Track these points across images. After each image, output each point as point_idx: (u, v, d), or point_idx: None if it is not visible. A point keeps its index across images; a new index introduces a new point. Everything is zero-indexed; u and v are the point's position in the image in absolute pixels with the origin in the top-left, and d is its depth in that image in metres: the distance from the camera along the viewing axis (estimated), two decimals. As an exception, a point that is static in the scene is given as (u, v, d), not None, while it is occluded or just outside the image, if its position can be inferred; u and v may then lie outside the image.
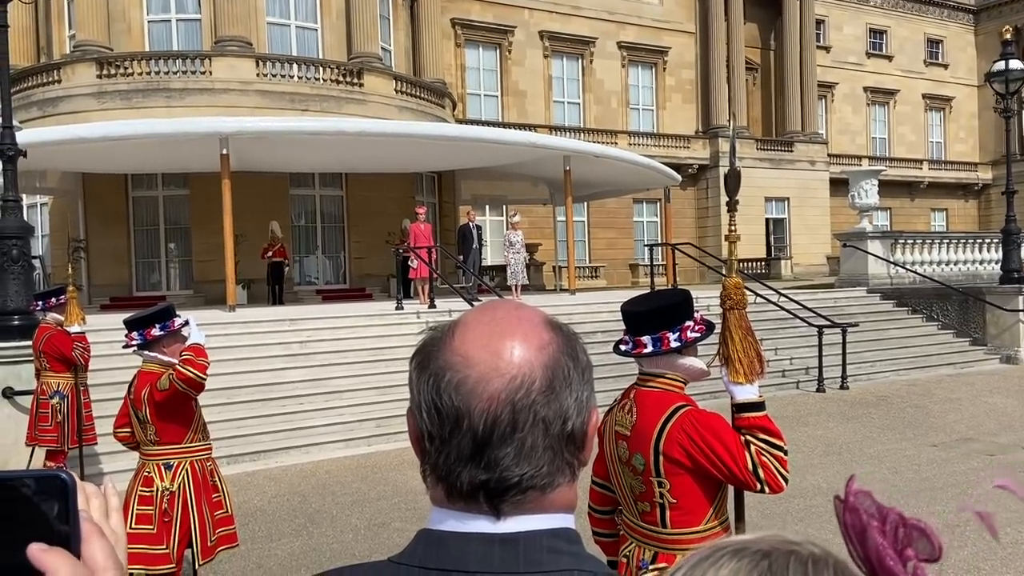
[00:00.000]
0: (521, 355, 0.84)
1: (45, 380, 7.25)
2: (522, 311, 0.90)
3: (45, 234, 21.14)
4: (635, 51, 33.72)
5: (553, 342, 0.87)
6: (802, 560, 0.52)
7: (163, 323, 4.33)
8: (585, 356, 0.90)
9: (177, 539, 4.25)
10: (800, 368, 13.15)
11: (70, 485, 0.62)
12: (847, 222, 26.89)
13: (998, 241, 17.50)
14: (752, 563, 0.52)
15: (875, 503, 0.52)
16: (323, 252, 21.29)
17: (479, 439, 0.82)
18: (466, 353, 0.84)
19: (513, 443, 0.82)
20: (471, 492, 0.83)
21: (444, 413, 0.83)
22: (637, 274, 32.02)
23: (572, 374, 0.86)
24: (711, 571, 0.53)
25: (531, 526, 0.83)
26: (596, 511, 2.92)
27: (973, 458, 8.25)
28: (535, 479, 0.83)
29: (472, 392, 0.82)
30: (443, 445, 0.84)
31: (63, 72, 19.44)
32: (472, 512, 0.83)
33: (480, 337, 0.85)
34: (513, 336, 0.85)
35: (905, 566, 0.49)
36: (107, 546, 0.64)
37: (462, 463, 0.83)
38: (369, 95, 20.52)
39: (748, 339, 2.60)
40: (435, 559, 0.82)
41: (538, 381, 0.83)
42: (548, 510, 0.85)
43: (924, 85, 42.93)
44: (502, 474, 0.82)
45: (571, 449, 0.86)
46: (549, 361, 0.85)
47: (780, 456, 2.47)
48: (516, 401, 0.82)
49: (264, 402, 9.96)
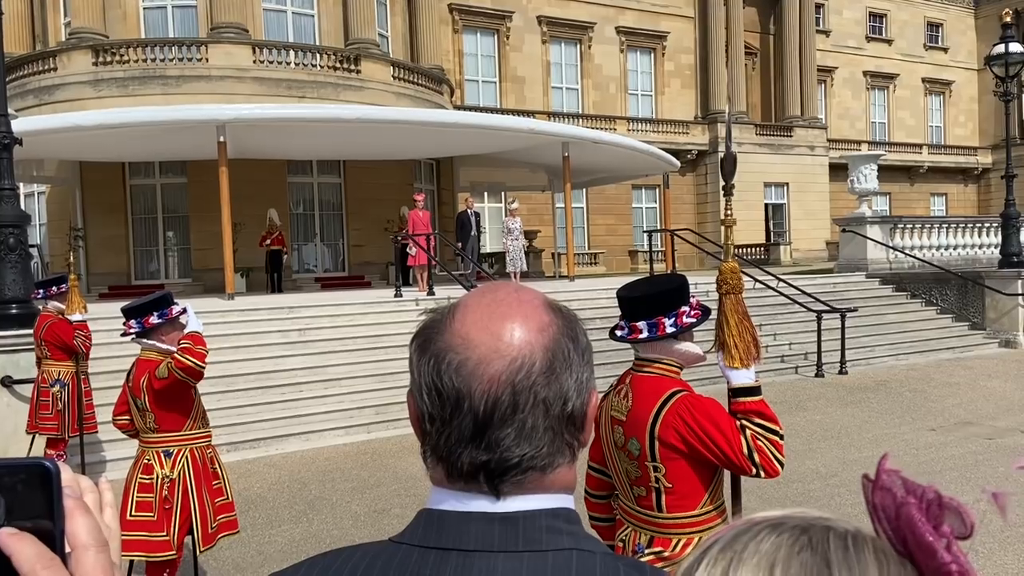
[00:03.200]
0: (521, 336, 0.84)
1: (46, 368, 7.26)
2: (522, 293, 0.90)
3: (43, 223, 21.10)
4: (634, 36, 33.57)
5: (553, 323, 0.87)
6: (840, 535, 0.52)
7: (161, 311, 4.33)
8: (585, 337, 0.90)
9: (177, 526, 4.26)
10: (799, 353, 13.17)
11: (54, 473, 0.61)
12: (846, 207, 26.86)
13: (997, 225, 17.49)
14: (793, 538, 0.52)
15: (906, 481, 0.52)
16: (321, 240, 21.27)
17: (480, 420, 0.83)
18: (467, 335, 0.84)
19: (514, 424, 0.83)
20: (471, 472, 0.84)
21: (445, 395, 0.84)
22: (636, 260, 32.02)
23: (572, 355, 0.87)
24: (751, 545, 0.53)
25: (531, 506, 0.84)
26: (592, 496, 2.93)
27: (971, 442, 8.28)
28: (535, 460, 0.84)
29: (473, 374, 0.83)
30: (444, 426, 0.84)
31: (59, 60, 19.35)
32: (472, 492, 0.84)
33: (480, 319, 0.85)
34: (513, 318, 0.85)
35: (940, 540, 0.49)
36: (91, 522, 0.62)
37: (463, 444, 0.83)
38: (366, 81, 20.43)
39: (744, 324, 2.60)
40: (435, 538, 0.82)
41: (538, 362, 0.84)
42: (548, 490, 0.85)
43: (924, 69, 42.78)
44: (503, 455, 0.83)
45: (571, 430, 0.87)
46: (549, 342, 0.85)
47: (776, 441, 2.48)
48: (517, 382, 0.83)
49: (263, 389, 9.98)
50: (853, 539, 0.52)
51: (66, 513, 0.61)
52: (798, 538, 0.52)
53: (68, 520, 0.61)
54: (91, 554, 0.61)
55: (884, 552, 0.51)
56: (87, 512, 0.63)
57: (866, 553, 0.51)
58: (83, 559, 0.61)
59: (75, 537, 0.61)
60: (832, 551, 0.51)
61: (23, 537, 0.59)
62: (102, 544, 0.63)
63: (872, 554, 0.51)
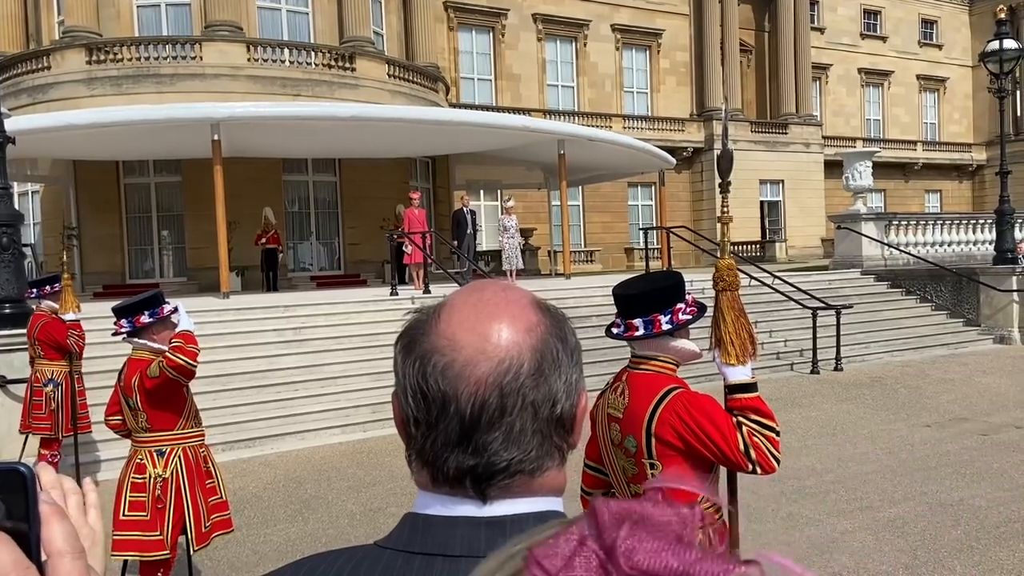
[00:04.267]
0: (509, 337, 0.82)
1: (39, 368, 7.23)
2: (509, 292, 0.88)
3: (37, 222, 21.04)
4: (629, 34, 33.56)
5: (541, 324, 0.85)
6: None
7: (152, 310, 4.30)
8: (574, 338, 0.88)
9: (171, 525, 4.24)
10: (795, 350, 13.17)
11: (28, 478, 0.60)
12: (841, 204, 26.90)
13: (992, 222, 17.51)
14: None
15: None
16: (317, 238, 21.23)
17: (466, 424, 0.80)
18: (452, 336, 0.82)
19: (501, 427, 0.80)
20: (457, 477, 0.81)
21: (430, 398, 0.81)
22: (632, 258, 32.03)
23: (561, 356, 0.84)
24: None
25: (518, 510, 0.81)
26: (589, 494, 2.91)
27: (966, 438, 8.29)
28: (524, 463, 0.81)
29: (459, 376, 0.80)
30: (429, 430, 0.82)
31: (52, 58, 19.27)
32: (458, 496, 0.82)
33: (467, 319, 0.83)
34: (500, 318, 0.83)
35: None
36: (67, 528, 0.61)
37: (449, 448, 0.81)
38: (361, 79, 20.39)
39: (740, 320, 2.59)
40: (420, 543, 0.80)
41: (526, 364, 0.81)
42: (536, 494, 0.83)
43: (918, 66, 42.83)
44: (490, 459, 0.80)
45: (560, 433, 0.84)
46: (537, 343, 0.83)
47: (772, 437, 2.47)
48: (504, 385, 0.80)
49: (259, 389, 9.95)
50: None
51: (42, 519, 0.60)
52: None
53: (44, 526, 0.60)
54: (67, 560, 0.60)
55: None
56: (63, 518, 0.62)
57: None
58: (59, 566, 0.60)
59: (51, 543, 0.60)
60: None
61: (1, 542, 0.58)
62: (78, 551, 0.61)
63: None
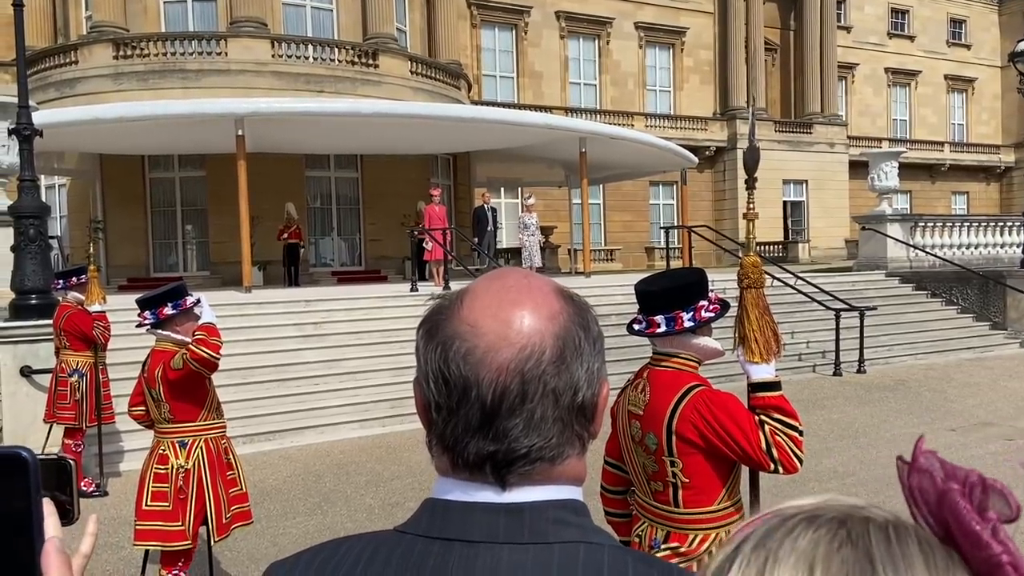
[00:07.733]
0: (531, 324, 0.82)
1: (64, 358, 7.32)
2: (532, 279, 0.88)
3: (63, 215, 21.30)
4: (652, 32, 33.38)
5: (564, 311, 0.84)
6: (880, 527, 0.49)
7: (175, 302, 4.34)
8: (596, 327, 0.88)
9: (192, 516, 4.28)
10: (817, 352, 13.06)
11: (31, 463, 0.61)
12: (866, 205, 26.60)
13: (1020, 224, 17.28)
14: (831, 533, 0.49)
15: (944, 464, 0.49)
16: (338, 234, 21.34)
17: (488, 410, 0.80)
18: (475, 322, 0.82)
19: (522, 414, 0.80)
20: (477, 463, 0.81)
21: (452, 383, 0.81)
22: (653, 257, 31.88)
23: (583, 344, 0.84)
24: (787, 542, 0.49)
25: (537, 497, 0.81)
26: (609, 491, 2.90)
27: (991, 442, 8.18)
28: (544, 450, 0.81)
29: (481, 362, 0.80)
30: (450, 415, 0.82)
31: (80, 53, 19.50)
32: (477, 482, 0.82)
33: (489, 305, 0.83)
34: (523, 305, 0.83)
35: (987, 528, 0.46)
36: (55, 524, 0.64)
37: (470, 434, 0.81)
38: (384, 76, 20.45)
39: (765, 318, 2.57)
40: (439, 528, 0.80)
41: (548, 351, 0.81)
42: (556, 481, 0.83)
43: (946, 66, 42.25)
44: (510, 445, 0.80)
45: (581, 421, 0.84)
46: (560, 331, 0.83)
47: (795, 437, 2.44)
48: (526, 371, 0.80)
49: (280, 382, 10.01)
50: (895, 530, 0.49)
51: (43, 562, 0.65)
52: (836, 532, 0.49)
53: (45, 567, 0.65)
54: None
55: (928, 542, 0.48)
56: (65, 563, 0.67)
57: (910, 545, 0.48)
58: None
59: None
60: (874, 545, 0.47)
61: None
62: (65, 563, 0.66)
63: (916, 546, 0.48)
